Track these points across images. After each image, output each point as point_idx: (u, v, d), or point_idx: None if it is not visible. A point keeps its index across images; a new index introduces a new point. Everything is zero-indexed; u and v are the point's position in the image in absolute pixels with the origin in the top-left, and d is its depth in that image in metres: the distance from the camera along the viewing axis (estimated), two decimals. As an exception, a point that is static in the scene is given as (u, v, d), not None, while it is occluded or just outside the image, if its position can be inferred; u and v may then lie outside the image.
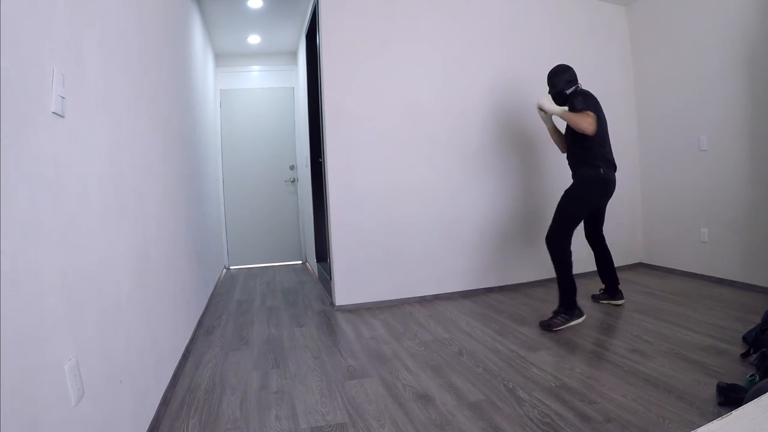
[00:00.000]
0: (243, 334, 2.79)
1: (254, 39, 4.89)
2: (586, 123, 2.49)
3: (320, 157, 3.69)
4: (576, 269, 2.72)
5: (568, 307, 2.62)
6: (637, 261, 4.09)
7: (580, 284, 2.72)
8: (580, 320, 2.62)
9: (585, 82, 3.80)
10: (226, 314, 3.28)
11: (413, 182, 3.36)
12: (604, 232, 2.97)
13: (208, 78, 4.54)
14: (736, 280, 3.25)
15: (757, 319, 2.30)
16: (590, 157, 2.67)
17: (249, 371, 2.22)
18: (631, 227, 4.06)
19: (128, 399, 1.45)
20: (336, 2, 3.20)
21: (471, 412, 1.75)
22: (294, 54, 5.39)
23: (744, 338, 2.19)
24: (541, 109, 2.72)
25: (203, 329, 2.91)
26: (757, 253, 3.10)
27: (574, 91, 2.71)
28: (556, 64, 2.80)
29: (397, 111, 3.32)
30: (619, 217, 3.99)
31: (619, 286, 3.00)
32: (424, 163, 3.39)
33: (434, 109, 3.41)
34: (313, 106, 4.32)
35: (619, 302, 2.98)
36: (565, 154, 2.91)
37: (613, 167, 2.72)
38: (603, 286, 3.06)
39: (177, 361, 2.20)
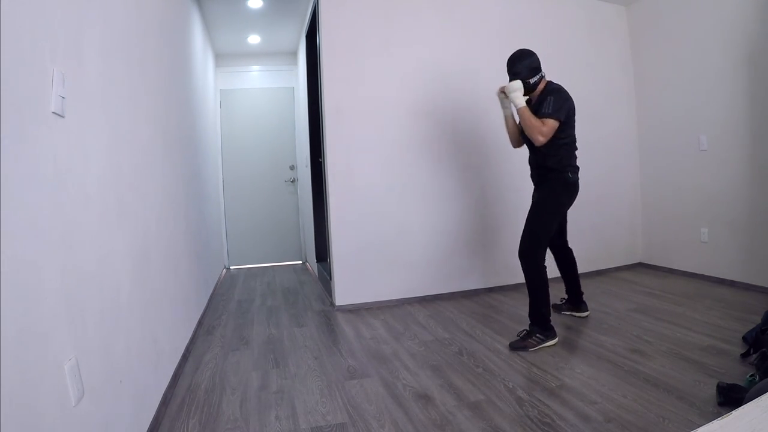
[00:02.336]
0: (243, 334, 2.79)
1: (254, 39, 4.89)
2: (538, 134, 2.27)
3: (320, 157, 3.69)
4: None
5: (543, 327, 2.36)
6: (637, 261, 4.09)
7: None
8: (553, 342, 2.35)
9: (585, 83, 3.82)
10: (226, 314, 3.28)
11: (413, 182, 3.36)
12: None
13: (208, 78, 4.54)
14: (736, 280, 3.25)
15: (757, 319, 2.30)
16: (560, 161, 2.42)
17: (249, 371, 2.22)
18: (631, 227, 4.06)
19: (128, 399, 1.45)
20: (336, 2, 3.20)
21: (471, 412, 1.75)
22: (294, 54, 5.39)
23: (744, 338, 2.19)
24: (502, 92, 2.45)
25: (203, 329, 2.91)
26: (757, 253, 3.10)
27: (547, 87, 2.38)
28: (516, 50, 2.45)
29: (397, 111, 3.32)
30: (619, 217, 4.00)
31: (584, 297, 2.81)
32: (424, 162, 3.39)
33: (434, 108, 3.41)
34: (313, 106, 4.32)
35: (584, 314, 2.77)
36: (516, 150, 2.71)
37: (577, 170, 2.49)
38: (565, 297, 2.88)
39: (177, 361, 2.20)
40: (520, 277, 3.57)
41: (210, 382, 2.11)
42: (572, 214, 2.74)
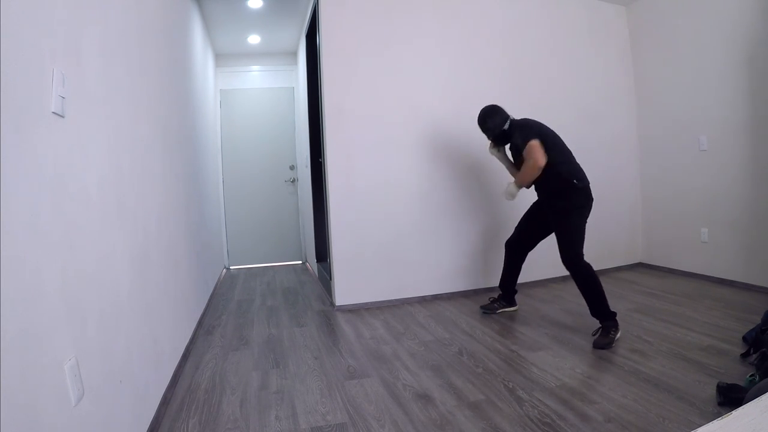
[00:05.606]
0: (243, 334, 2.79)
1: (254, 39, 4.89)
2: (534, 166, 2.45)
3: (320, 157, 3.69)
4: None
5: (611, 318, 2.39)
6: (637, 261, 4.09)
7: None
8: (619, 334, 2.38)
9: (585, 83, 3.83)
10: (226, 314, 3.28)
11: (413, 182, 3.36)
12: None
13: (208, 78, 4.54)
14: (736, 280, 3.25)
15: (757, 319, 2.30)
16: (560, 175, 2.51)
17: (249, 371, 2.22)
18: (631, 227, 4.06)
19: (128, 399, 1.45)
20: (336, 2, 3.20)
21: (471, 412, 1.75)
22: (294, 54, 5.39)
23: (744, 338, 2.19)
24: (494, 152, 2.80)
25: (203, 329, 2.91)
26: (757, 253, 3.10)
27: (510, 124, 2.65)
28: (482, 109, 2.75)
29: (397, 111, 3.32)
30: (619, 217, 4.00)
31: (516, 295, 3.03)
32: (424, 162, 3.39)
33: (434, 109, 3.41)
34: (313, 106, 4.32)
35: (515, 308, 3.01)
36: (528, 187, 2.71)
37: (584, 177, 2.56)
38: (495, 296, 3.04)
39: (177, 361, 2.20)
40: (520, 278, 3.57)
41: (210, 382, 2.11)
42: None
